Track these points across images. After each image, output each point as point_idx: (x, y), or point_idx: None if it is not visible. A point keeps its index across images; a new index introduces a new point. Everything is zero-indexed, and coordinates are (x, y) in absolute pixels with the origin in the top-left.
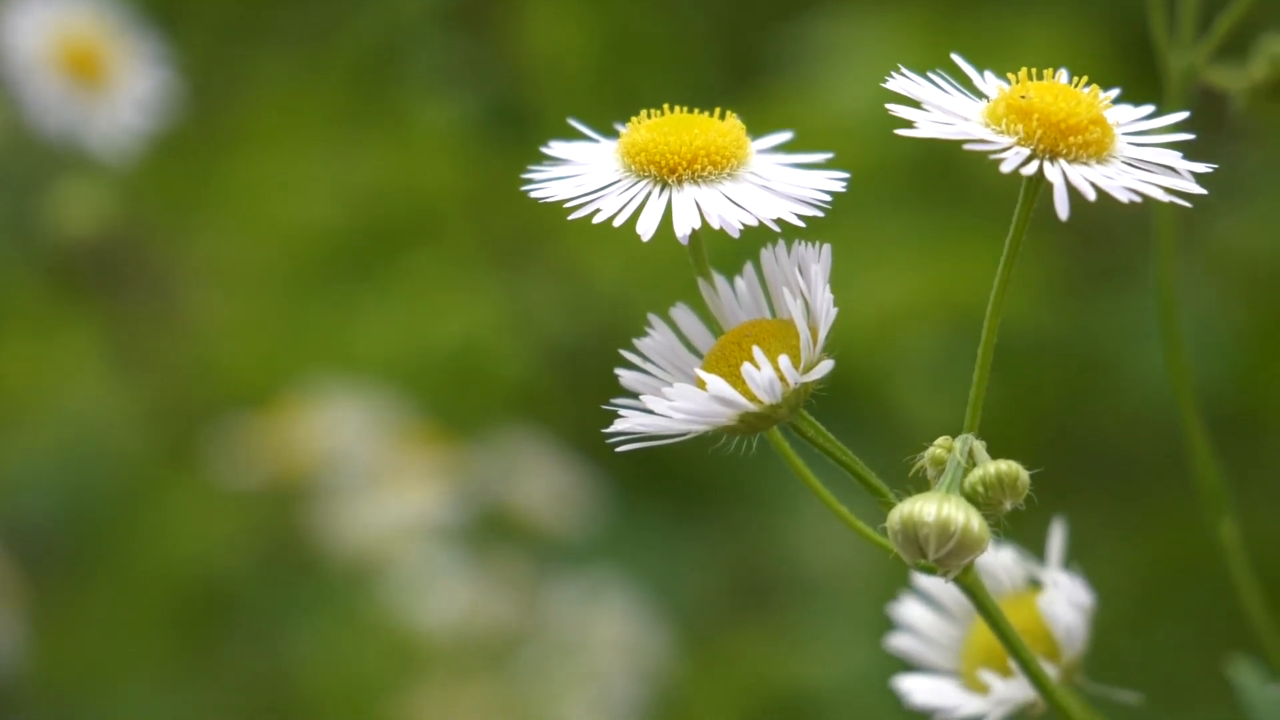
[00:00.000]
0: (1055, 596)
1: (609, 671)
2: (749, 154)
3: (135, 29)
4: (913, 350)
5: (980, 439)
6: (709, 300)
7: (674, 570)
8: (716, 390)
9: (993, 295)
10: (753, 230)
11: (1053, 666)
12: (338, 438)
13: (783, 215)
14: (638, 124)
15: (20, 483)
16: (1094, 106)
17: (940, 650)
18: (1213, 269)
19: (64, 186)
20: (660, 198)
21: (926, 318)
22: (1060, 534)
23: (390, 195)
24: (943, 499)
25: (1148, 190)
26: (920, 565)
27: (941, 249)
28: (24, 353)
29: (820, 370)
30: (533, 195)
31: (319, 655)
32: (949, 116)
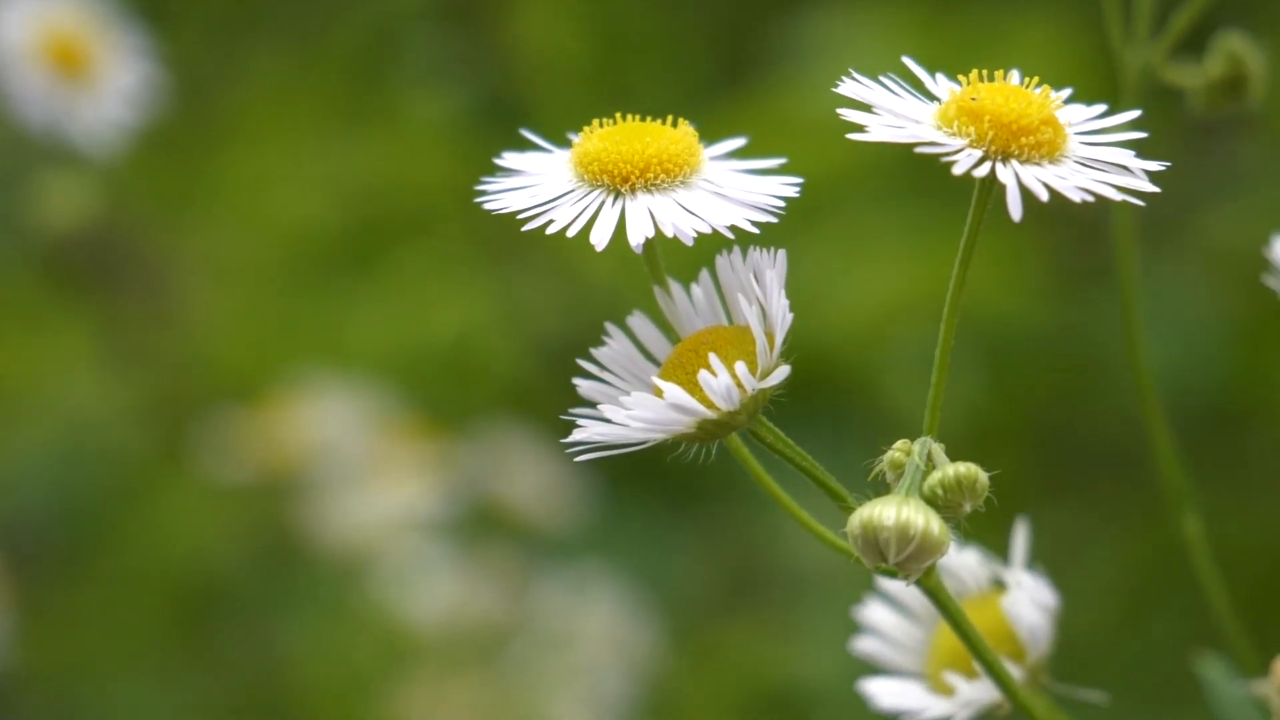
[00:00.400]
0: (1019, 597)
1: (599, 666)
2: (702, 161)
3: (120, 22)
4: (904, 344)
5: (972, 434)
6: (665, 308)
7: (664, 565)
8: (674, 398)
9: (949, 297)
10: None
11: (1018, 667)
12: (328, 432)
13: (736, 222)
14: (590, 133)
15: (15, 478)
16: (1045, 107)
17: (906, 652)
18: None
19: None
20: (614, 207)
21: (918, 312)
22: (1024, 535)
23: (383, 189)
24: (902, 502)
25: (1100, 190)
26: (881, 569)
27: (934, 244)
28: (18, 348)
29: (777, 376)
30: (486, 207)
31: (310, 649)
32: (900, 120)
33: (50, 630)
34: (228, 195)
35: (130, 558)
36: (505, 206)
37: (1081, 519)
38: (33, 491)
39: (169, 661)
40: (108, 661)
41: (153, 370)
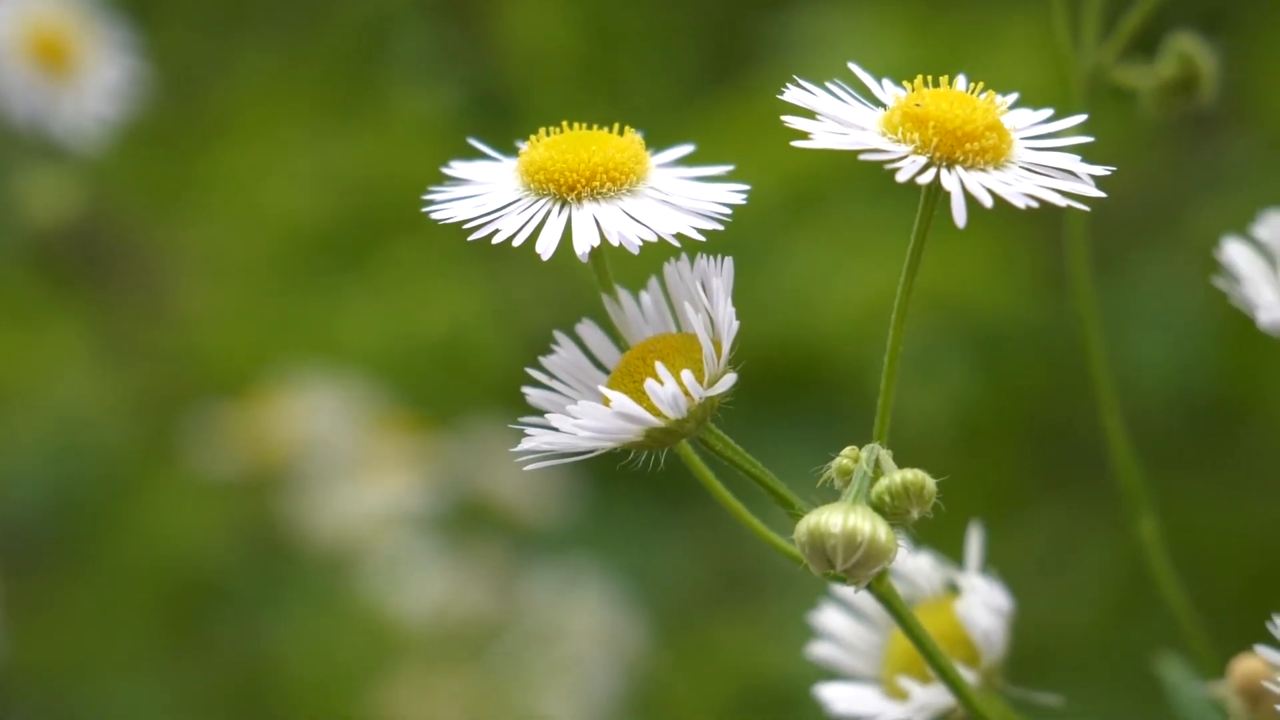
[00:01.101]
0: (973, 601)
1: (586, 661)
2: (649, 169)
3: (104, 17)
4: None
5: (965, 432)
6: (614, 316)
7: (652, 559)
8: (621, 407)
9: (896, 303)
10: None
11: (972, 671)
12: (316, 427)
13: (683, 230)
14: (536, 142)
15: (7, 474)
16: (990, 112)
17: (861, 657)
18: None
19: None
20: (560, 216)
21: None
22: (978, 539)
23: (374, 184)
24: (849, 510)
25: (1045, 195)
26: (830, 575)
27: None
28: (9, 343)
29: (724, 384)
30: (433, 217)
31: (299, 644)
32: (844, 127)
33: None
34: (219, 190)
35: (122, 553)
36: (451, 216)
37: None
38: (25, 487)
39: (160, 656)
40: (100, 657)
41: (144, 365)
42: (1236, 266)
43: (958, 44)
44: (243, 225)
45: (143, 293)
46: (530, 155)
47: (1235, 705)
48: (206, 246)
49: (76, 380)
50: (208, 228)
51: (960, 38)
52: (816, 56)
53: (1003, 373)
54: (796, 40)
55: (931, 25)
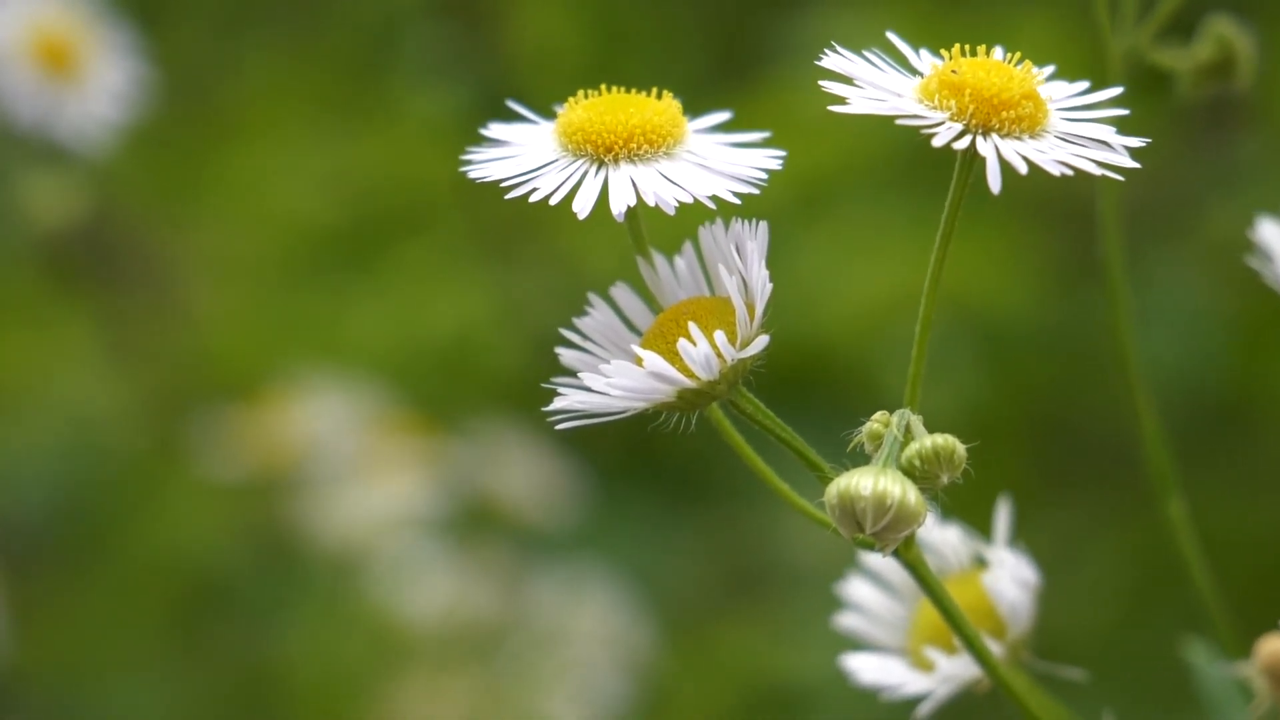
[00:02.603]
0: (1000, 574)
1: (593, 663)
2: (685, 133)
3: (109, 20)
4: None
5: (972, 430)
6: (648, 279)
7: (659, 561)
8: (653, 367)
9: (930, 270)
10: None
11: (998, 644)
12: (322, 429)
13: (719, 193)
14: (574, 104)
15: (13, 474)
16: (1026, 81)
17: (888, 629)
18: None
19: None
20: (596, 176)
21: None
22: (1006, 512)
23: (381, 185)
24: (879, 473)
25: (1080, 164)
26: (858, 540)
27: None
28: (17, 344)
29: (756, 346)
30: (470, 175)
31: (305, 646)
32: (882, 93)
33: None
34: (227, 191)
35: (128, 554)
36: (488, 175)
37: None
38: (32, 488)
39: (166, 658)
40: (105, 658)
41: (152, 366)
42: (1271, 245)
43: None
44: (250, 226)
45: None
46: (568, 117)
47: (1261, 685)
48: (214, 247)
49: (84, 381)
50: (215, 229)
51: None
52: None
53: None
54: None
55: (937, 26)
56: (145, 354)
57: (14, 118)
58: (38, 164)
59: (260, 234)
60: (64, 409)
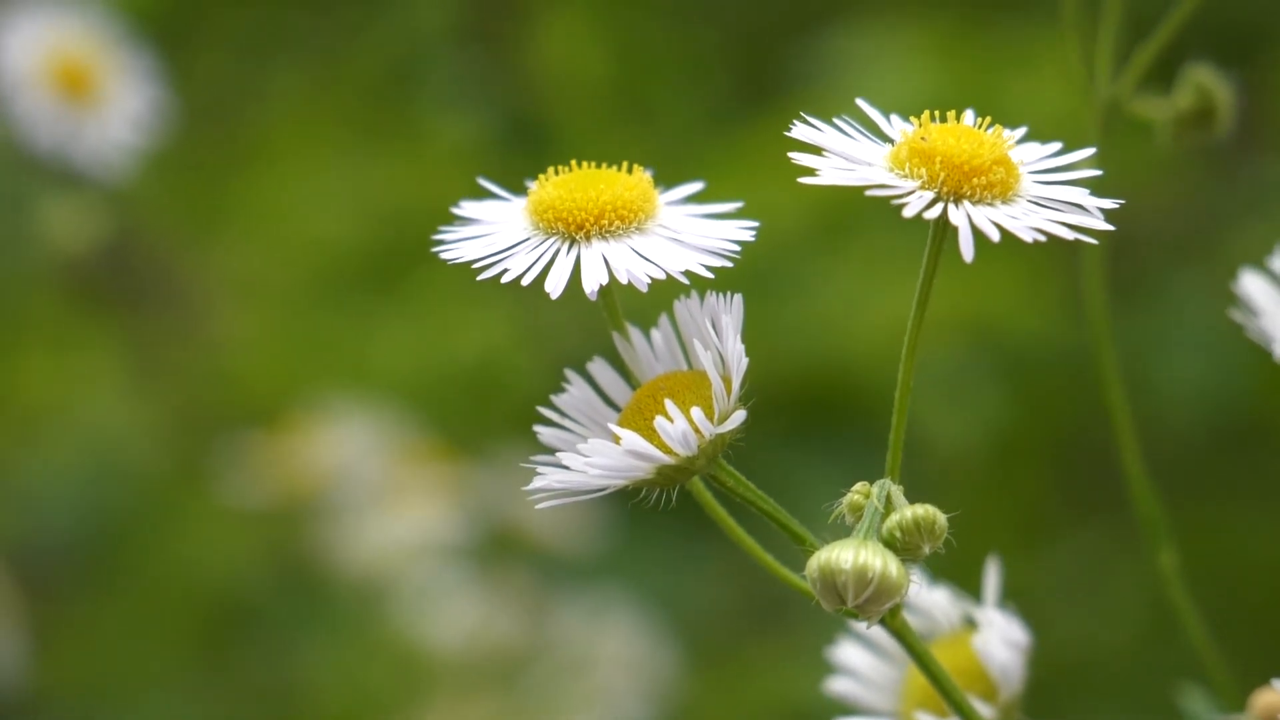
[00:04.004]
0: (989, 636)
1: (616, 689)
2: (658, 207)
3: (128, 45)
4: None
5: (995, 455)
6: (625, 354)
7: (682, 587)
8: (631, 445)
9: (906, 339)
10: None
11: (988, 707)
12: (347, 455)
13: (691, 267)
14: (545, 181)
15: (38, 496)
16: (997, 147)
17: (880, 692)
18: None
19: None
20: (569, 255)
21: (943, 334)
22: (995, 573)
23: (406, 210)
24: (859, 545)
25: (1053, 229)
26: (842, 611)
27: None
28: (42, 367)
29: (734, 420)
30: (442, 257)
31: (329, 672)
32: (851, 163)
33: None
34: (251, 215)
35: (151, 577)
36: (460, 256)
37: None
38: (57, 509)
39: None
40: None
41: (175, 390)
42: (1253, 299)
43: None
44: (274, 250)
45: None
46: (539, 194)
47: None
48: (238, 271)
49: (108, 404)
50: (239, 252)
51: (991, 61)
52: (846, 82)
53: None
54: (826, 66)
55: (962, 48)
56: (169, 378)
57: (33, 142)
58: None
59: (284, 258)
60: (88, 432)
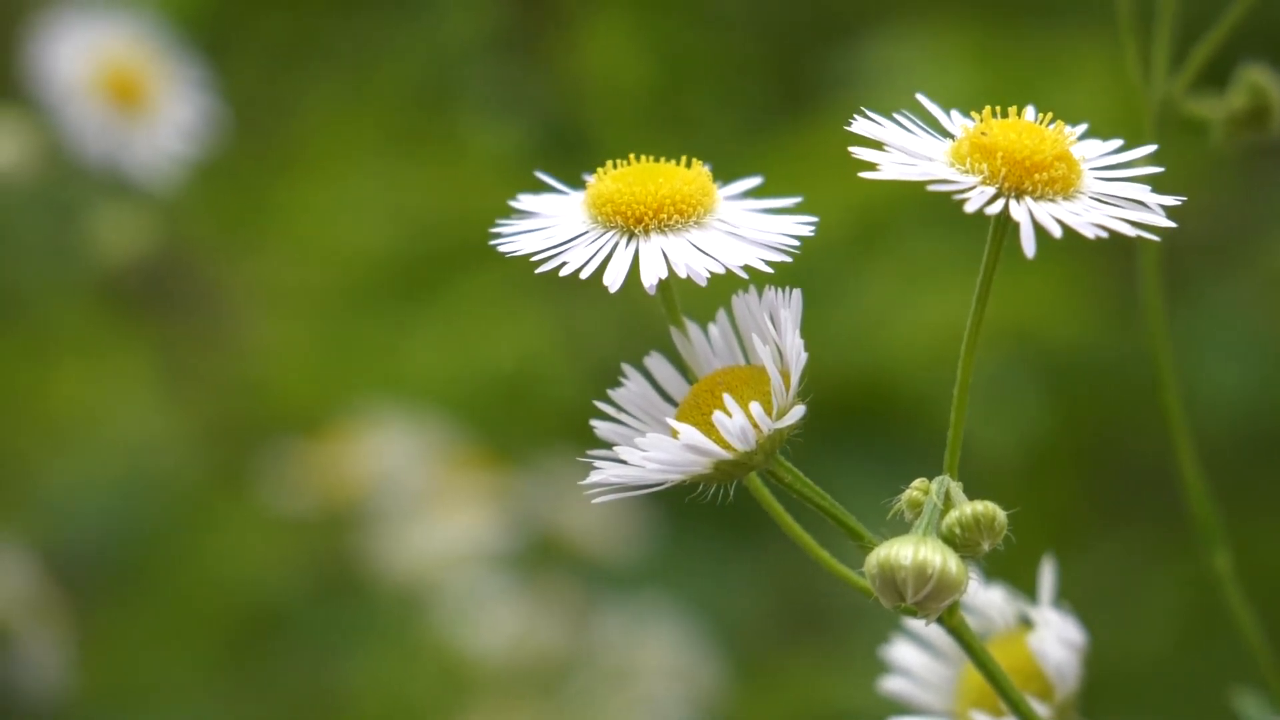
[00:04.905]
0: (1045, 635)
1: (659, 697)
2: (716, 201)
3: (177, 54)
4: None
5: (1030, 462)
6: (682, 349)
7: (724, 595)
8: (689, 439)
9: (965, 336)
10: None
11: (1045, 706)
12: (388, 462)
13: (750, 262)
14: (603, 175)
15: (71, 504)
16: (1059, 143)
17: (934, 691)
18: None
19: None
20: (627, 248)
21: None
22: (1050, 572)
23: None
24: (919, 542)
25: (1115, 226)
26: (900, 609)
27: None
28: (76, 375)
29: (793, 416)
30: (500, 250)
31: (369, 679)
32: (912, 158)
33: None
34: (287, 224)
35: (184, 585)
36: (519, 249)
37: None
38: (91, 517)
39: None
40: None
41: (211, 397)
42: None
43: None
44: (310, 258)
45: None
46: (597, 188)
47: None
48: (274, 279)
49: (143, 411)
50: (275, 260)
51: (1028, 67)
52: (883, 88)
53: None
54: (863, 72)
55: (999, 55)
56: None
57: (82, 152)
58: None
59: (320, 266)
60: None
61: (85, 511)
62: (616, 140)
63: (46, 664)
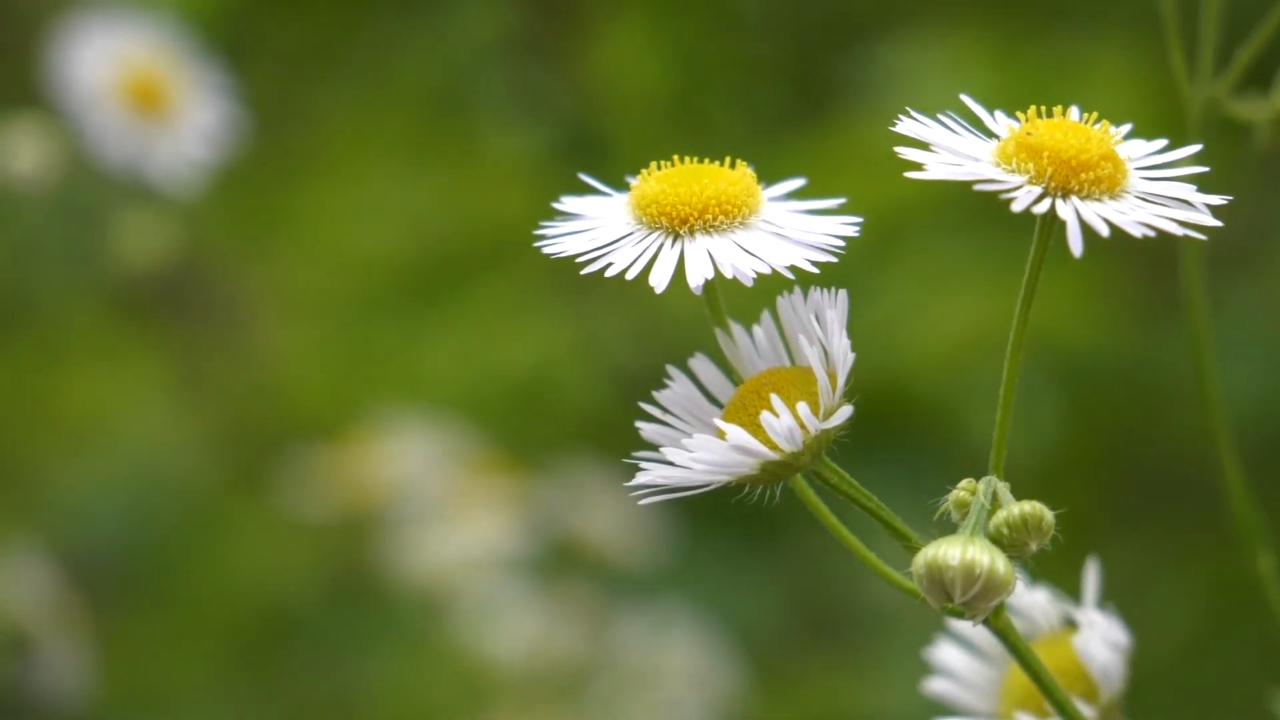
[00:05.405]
0: (1090, 636)
1: (678, 702)
2: (761, 202)
3: (199, 60)
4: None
5: (1042, 467)
6: (727, 350)
7: (743, 600)
8: (736, 440)
9: (1012, 335)
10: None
11: (1090, 707)
12: (406, 468)
13: (796, 263)
14: (647, 176)
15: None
16: (1105, 142)
17: (978, 693)
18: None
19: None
20: (673, 249)
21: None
22: (1095, 573)
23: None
24: (967, 542)
25: (1162, 225)
26: (947, 609)
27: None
28: (91, 380)
29: (840, 416)
30: (545, 251)
31: (388, 686)
32: (958, 158)
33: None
34: (303, 229)
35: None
36: (564, 250)
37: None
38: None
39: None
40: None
41: (226, 402)
42: None
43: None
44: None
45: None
46: (642, 189)
47: None
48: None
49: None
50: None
51: (1045, 72)
52: (899, 92)
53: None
54: (879, 76)
55: (1015, 59)
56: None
57: (104, 158)
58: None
59: (336, 270)
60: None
61: (100, 516)
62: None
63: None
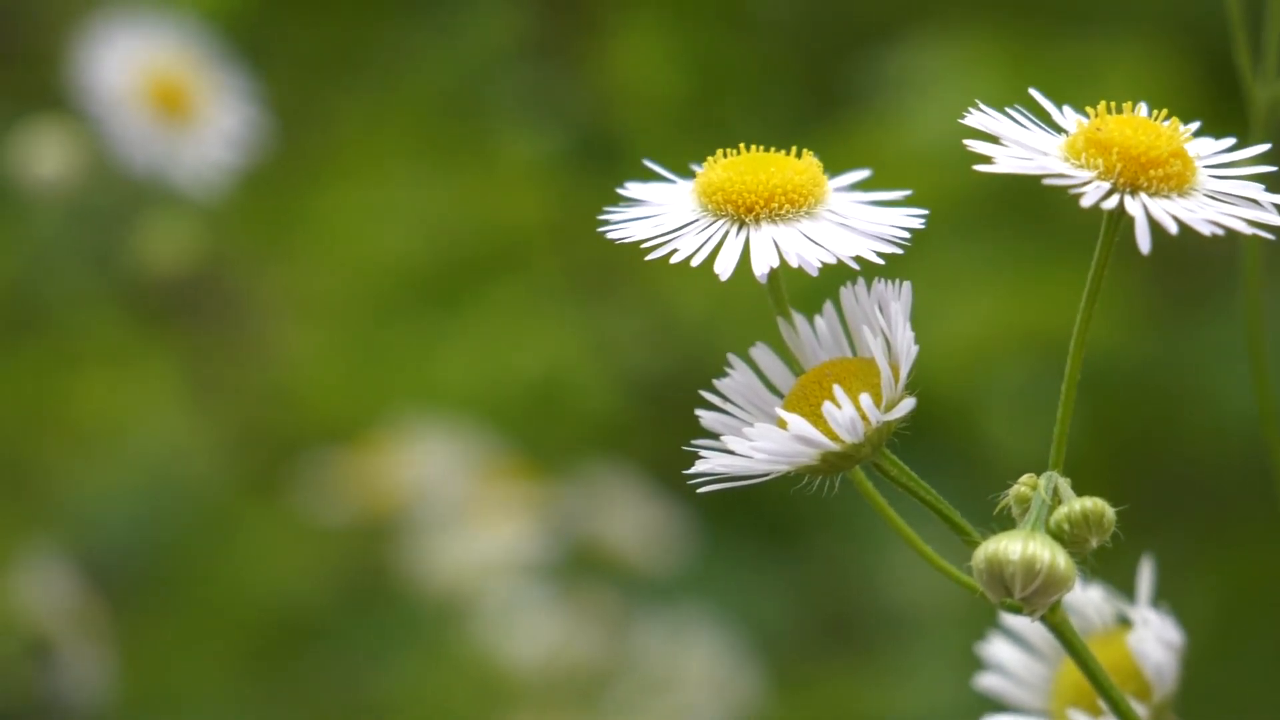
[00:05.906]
0: (1145, 635)
1: (698, 707)
2: (826, 192)
3: (222, 64)
4: (999, 381)
5: (1064, 473)
6: (789, 340)
7: (762, 605)
8: (798, 430)
9: (1076, 330)
10: (833, 269)
11: (1143, 706)
12: (423, 472)
13: (862, 253)
14: (714, 163)
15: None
16: (1174, 139)
17: (1030, 689)
18: None
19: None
20: (738, 237)
21: (1013, 348)
22: (1149, 571)
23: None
24: (1028, 537)
25: (1230, 223)
26: (1006, 604)
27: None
28: (104, 383)
29: (902, 408)
30: (610, 236)
31: (407, 691)
32: (1028, 151)
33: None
34: (318, 232)
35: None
36: (629, 236)
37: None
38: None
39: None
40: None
41: (239, 406)
42: None
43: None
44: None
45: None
46: (708, 176)
47: None
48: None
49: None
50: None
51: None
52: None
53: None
54: (895, 78)
55: (1030, 61)
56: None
57: (127, 162)
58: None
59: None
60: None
61: (115, 520)
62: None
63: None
